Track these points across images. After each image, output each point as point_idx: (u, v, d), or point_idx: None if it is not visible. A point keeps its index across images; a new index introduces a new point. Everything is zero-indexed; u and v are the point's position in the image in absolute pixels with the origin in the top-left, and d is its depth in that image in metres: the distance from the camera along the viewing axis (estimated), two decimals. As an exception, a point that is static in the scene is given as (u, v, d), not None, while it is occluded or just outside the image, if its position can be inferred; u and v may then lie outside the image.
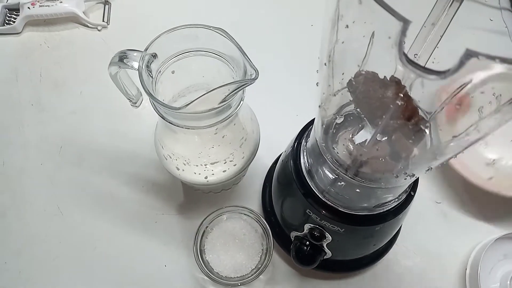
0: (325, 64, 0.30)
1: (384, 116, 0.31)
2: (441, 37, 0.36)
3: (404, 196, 0.40)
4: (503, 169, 0.55)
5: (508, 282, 0.50)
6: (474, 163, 0.54)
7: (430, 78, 0.22)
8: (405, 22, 0.20)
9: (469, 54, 0.19)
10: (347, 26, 0.26)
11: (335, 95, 0.33)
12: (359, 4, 0.23)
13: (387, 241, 0.48)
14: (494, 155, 0.56)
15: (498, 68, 0.19)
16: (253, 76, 0.37)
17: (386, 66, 0.30)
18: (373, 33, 0.28)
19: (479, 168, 0.54)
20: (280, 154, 0.53)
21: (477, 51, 0.19)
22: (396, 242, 0.53)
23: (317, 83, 0.33)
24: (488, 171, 0.54)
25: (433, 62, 0.38)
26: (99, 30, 0.72)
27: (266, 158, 0.59)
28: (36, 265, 0.53)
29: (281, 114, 0.62)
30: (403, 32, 0.20)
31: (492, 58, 0.19)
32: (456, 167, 0.54)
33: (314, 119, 0.41)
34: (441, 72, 0.21)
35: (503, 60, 0.19)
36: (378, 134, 0.33)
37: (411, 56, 0.38)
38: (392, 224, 0.42)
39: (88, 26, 0.72)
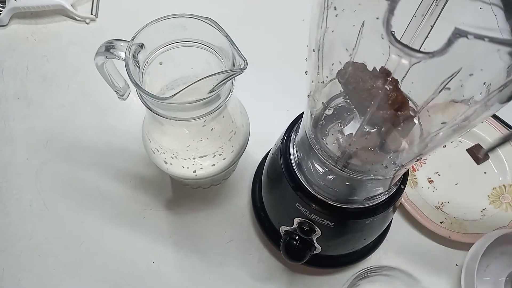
0: (313, 50, 0.30)
1: (374, 108, 0.31)
2: (432, 27, 0.36)
3: (394, 189, 0.40)
4: (451, 213, 0.56)
5: (502, 279, 0.50)
6: (425, 206, 0.56)
7: (417, 57, 0.21)
8: (393, 1, 0.20)
9: (458, 33, 0.18)
10: (335, 8, 0.25)
11: (323, 82, 0.32)
12: None
13: (377, 235, 0.48)
14: (442, 199, 0.57)
15: (486, 47, 0.19)
16: (242, 66, 0.36)
17: (377, 55, 0.30)
18: (363, 22, 0.27)
19: (431, 211, 0.56)
20: (270, 149, 0.52)
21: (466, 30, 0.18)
22: (386, 237, 0.53)
23: (305, 72, 0.33)
24: (439, 215, 0.55)
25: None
26: (87, 23, 0.70)
27: (256, 153, 0.59)
28: (21, 261, 0.52)
29: (271, 109, 0.62)
30: (391, 11, 0.20)
31: (481, 37, 0.18)
32: (409, 210, 0.55)
33: (303, 112, 0.41)
34: (429, 52, 0.20)
35: (492, 40, 0.18)
36: (368, 126, 0.33)
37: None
38: (382, 218, 0.42)
39: (76, 19, 0.71)
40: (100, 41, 0.40)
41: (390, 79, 0.28)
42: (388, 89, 0.30)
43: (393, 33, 0.22)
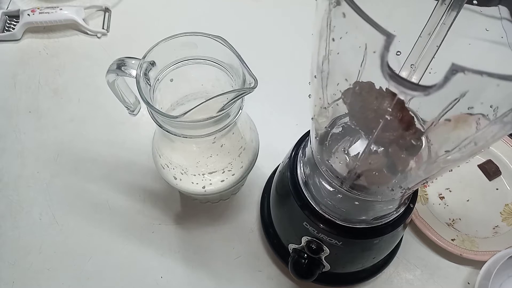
0: (315, 76, 0.30)
1: (379, 130, 0.31)
2: (438, 47, 0.36)
3: (403, 209, 0.40)
4: (463, 230, 0.55)
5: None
6: (436, 223, 0.55)
7: (414, 95, 0.21)
8: (389, 37, 0.19)
9: (455, 69, 0.18)
10: (333, 40, 0.25)
11: (325, 108, 0.32)
12: (343, 17, 0.22)
13: (386, 254, 0.48)
14: (453, 216, 0.57)
15: (487, 82, 0.18)
16: (252, 85, 0.36)
17: (377, 79, 0.30)
18: (365, 45, 0.27)
19: (442, 228, 0.55)
20: (279, 164, 0.52)
21: (464, 66, 0.18)
22: (396, 254, 0.52)
23: (309, 95, 0.33)
24: (450, 232, 0.55)
25: (429, 73, 0.38)
26: (98, 38, 0.71)
27: (265, 167, 0.59)
28: (30, 275, 0.52)
29: (280, 123, 0.62)
30: (386, 47, 0.20)
31: (479, 73, 0.18)
32: (419, 226, 0.54)
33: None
34: (426, 88, 0.20)
35: (490, 75, 0.18)
36: (375, 146, 0.33)
37: (407, 67, 0.38)
38: (392, 237, 0.42)
39: (87, 34, 0.72)
40: (111, 55, 0.41)
41: (398, 103, 0.28)
42: (394, 109, 0.30)
43: (390, 67, 0.22)
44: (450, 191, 0.58)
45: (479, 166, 0.60)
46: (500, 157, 0.60)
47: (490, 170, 0.59)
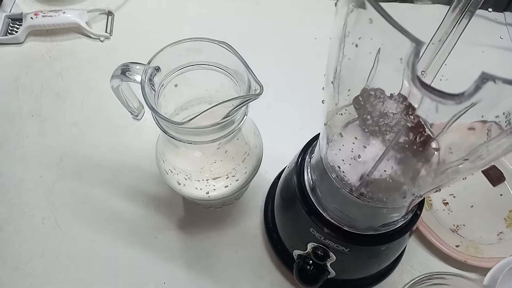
0: (332, 82, 0.29)
1: (391, 136, 0.31)
2: (449, 53, 0.36)
3: (410, 216, 0.39)
4: (467, 236, 0.55)
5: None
6: (440, 229, 0.55)
7: (446, 104, 0.21)
8: (418, 44, 0.19)
9: (485, 78, 0.18)
10: (356, 46, 0.25)
11: (342, 114, 0.32)
12: (369, 23, 0.22)
13: (392, 260, 0.47)
14: (457, 222, 0.56)
15: None
16: (258, 92, 0.36)
17: (393, 83, 0.29)
18: (379, 49, 0.27)
19: (446, 234, 0.55)
20: (283, 169, 0.52)
21: (493, 74, 0.18)
22: (401, 261, 0.52)
23: (322, 101, 0.32)
24: (454, 239, 0.54)
25: (440, 80, 0.38)
26: (101, 41, 0.71)
27: (268, 172, 0.59)
28: (32, 280, 0.52)
29: (284, 128, 0.62)
30: (416, 54, 0.19)
31: (510, 82, 0.18)
32: (424, 233, 0.54)
33: (318, 134, 0.40)
34: (457, 96, 0.20)
35: None
36: (387, 155, 0.32)
37: (418, 73, 0.38)
38: (398, 244, 0.41)
39: (90, 37, 0.72)
40: (114, 59, 0.41)
41: (409, 110, 0.28)
42: (406, 116, 0.30)
43: (419, 76, 0.21)
44: (454, 197, 0.58)
45: (483, 171, 0.60)
46: (504, 163, 0.59)
47: (494, 175, 0.59)
